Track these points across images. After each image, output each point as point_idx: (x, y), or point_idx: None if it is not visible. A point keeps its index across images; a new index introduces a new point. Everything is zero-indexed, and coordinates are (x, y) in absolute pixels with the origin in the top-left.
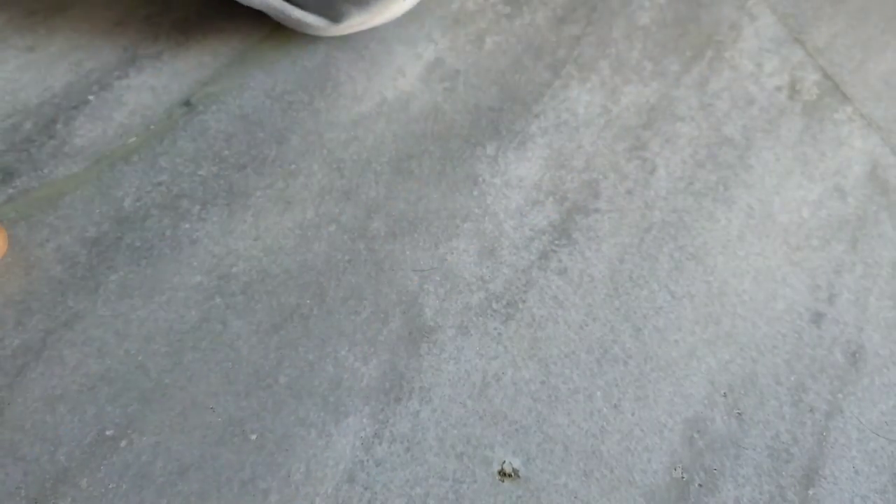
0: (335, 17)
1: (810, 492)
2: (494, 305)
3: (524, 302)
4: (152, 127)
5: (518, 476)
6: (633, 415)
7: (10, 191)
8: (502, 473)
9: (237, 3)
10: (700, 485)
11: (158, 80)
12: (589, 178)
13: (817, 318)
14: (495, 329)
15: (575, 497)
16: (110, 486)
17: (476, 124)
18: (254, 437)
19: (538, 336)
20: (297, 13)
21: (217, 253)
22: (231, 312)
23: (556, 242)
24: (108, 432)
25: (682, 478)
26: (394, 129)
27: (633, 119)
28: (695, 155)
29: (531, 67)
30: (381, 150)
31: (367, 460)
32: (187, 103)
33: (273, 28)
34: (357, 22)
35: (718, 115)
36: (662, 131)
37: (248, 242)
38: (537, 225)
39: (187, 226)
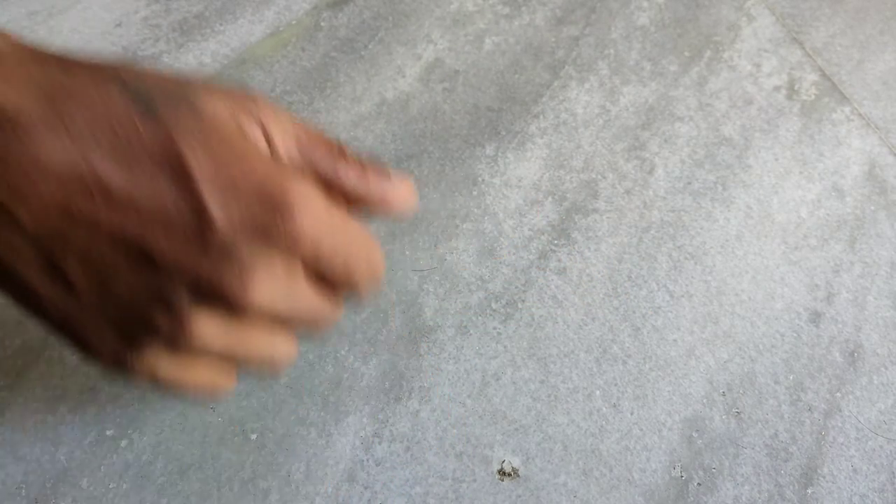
0: None
1: (809, 490)
2: (494, 305)
3: (523, 301)
4: None
5: (517, 475)
6: (632, 414)
7: None
8: (502, 472)
9: (236, 6)
10: (699, 483)
11: None
12: (588, 178)
13: (816, 317)
14: (495, 328)
15: (574, 496)
16: (111, 486)
17: (475, 124)
18: (254, 436)
19: (537, 335)
20: None
21: None
22: None
23: (555, 242)
24: (108, 432)
25: (681, 476)
26: (393, 130)
27: (631, 119)
28: (693, 155)
29: (530, 68)
30: (381, 151)
31: (367, 459)
32: None
33: (273, 29)
34: None
35: (717, 115)
36: (661, 131)
37: None
38: (536, 225)
39: None
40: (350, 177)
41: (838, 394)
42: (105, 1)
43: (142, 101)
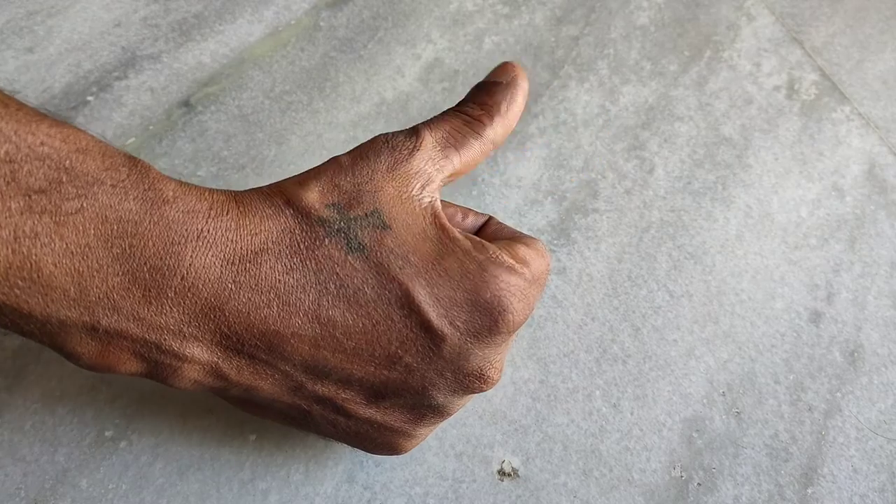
0: None
1: (809, 490)
2: None
3: None
4: (151, 128)
5: (517, 475)
6: (632, 414)
7: None
8: (502, 473)
9: (236, 6)
10: (699, 484)
11: (157, 80)
12: (587, 177)
13: (816, 317)
14: None
15: (574, 496)
16: (110, 487)
17: None
18: (253, 437)
19: (537, 335)
20: None
21: None
22: None
23: (555, 242)
24: (107, 433)
25: (681, 477)
26: (393, 130)
27: (631, 119)
28: (693, 154)
29: (530, 67)
30: None
31: (367, 460)
32: (186, 104)
33: (272, 29)
34: None
35: (717, 114)
36: (661, 131)
37: None
38: (536, 224)
39: None
40: (481, 129)
41: (838, 394)
42: (104, 1)
43: (343, 235)
